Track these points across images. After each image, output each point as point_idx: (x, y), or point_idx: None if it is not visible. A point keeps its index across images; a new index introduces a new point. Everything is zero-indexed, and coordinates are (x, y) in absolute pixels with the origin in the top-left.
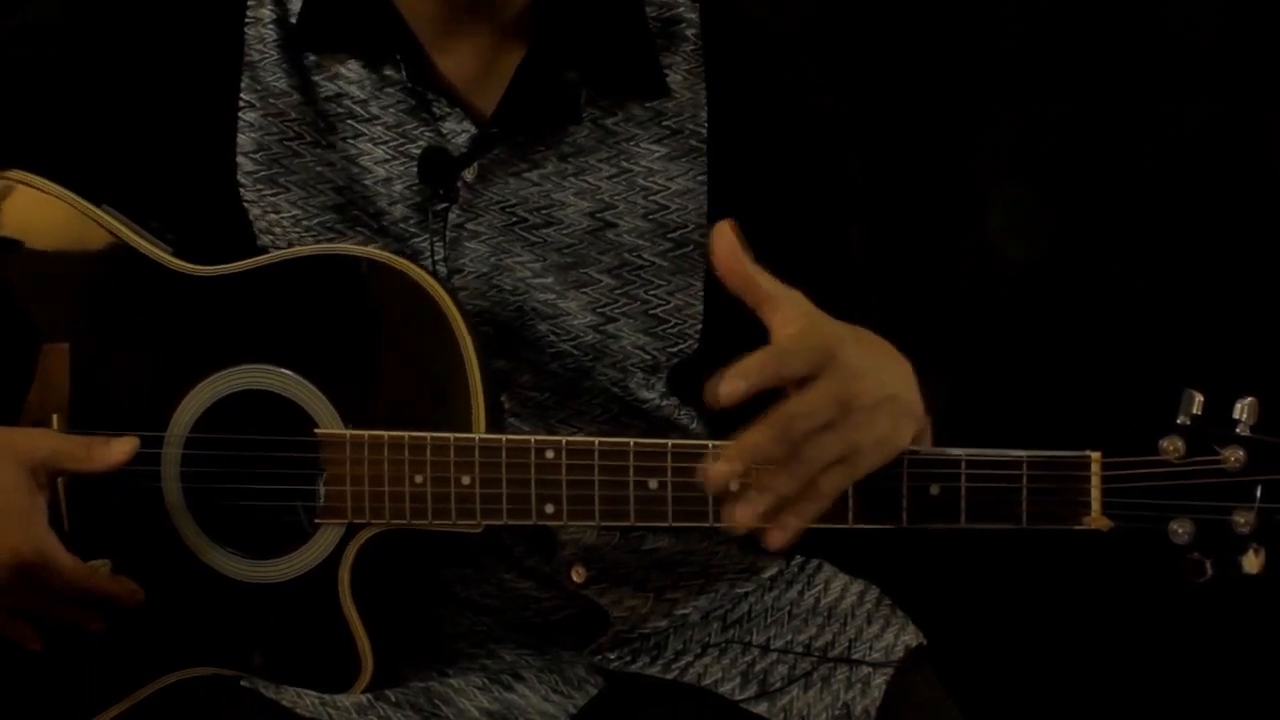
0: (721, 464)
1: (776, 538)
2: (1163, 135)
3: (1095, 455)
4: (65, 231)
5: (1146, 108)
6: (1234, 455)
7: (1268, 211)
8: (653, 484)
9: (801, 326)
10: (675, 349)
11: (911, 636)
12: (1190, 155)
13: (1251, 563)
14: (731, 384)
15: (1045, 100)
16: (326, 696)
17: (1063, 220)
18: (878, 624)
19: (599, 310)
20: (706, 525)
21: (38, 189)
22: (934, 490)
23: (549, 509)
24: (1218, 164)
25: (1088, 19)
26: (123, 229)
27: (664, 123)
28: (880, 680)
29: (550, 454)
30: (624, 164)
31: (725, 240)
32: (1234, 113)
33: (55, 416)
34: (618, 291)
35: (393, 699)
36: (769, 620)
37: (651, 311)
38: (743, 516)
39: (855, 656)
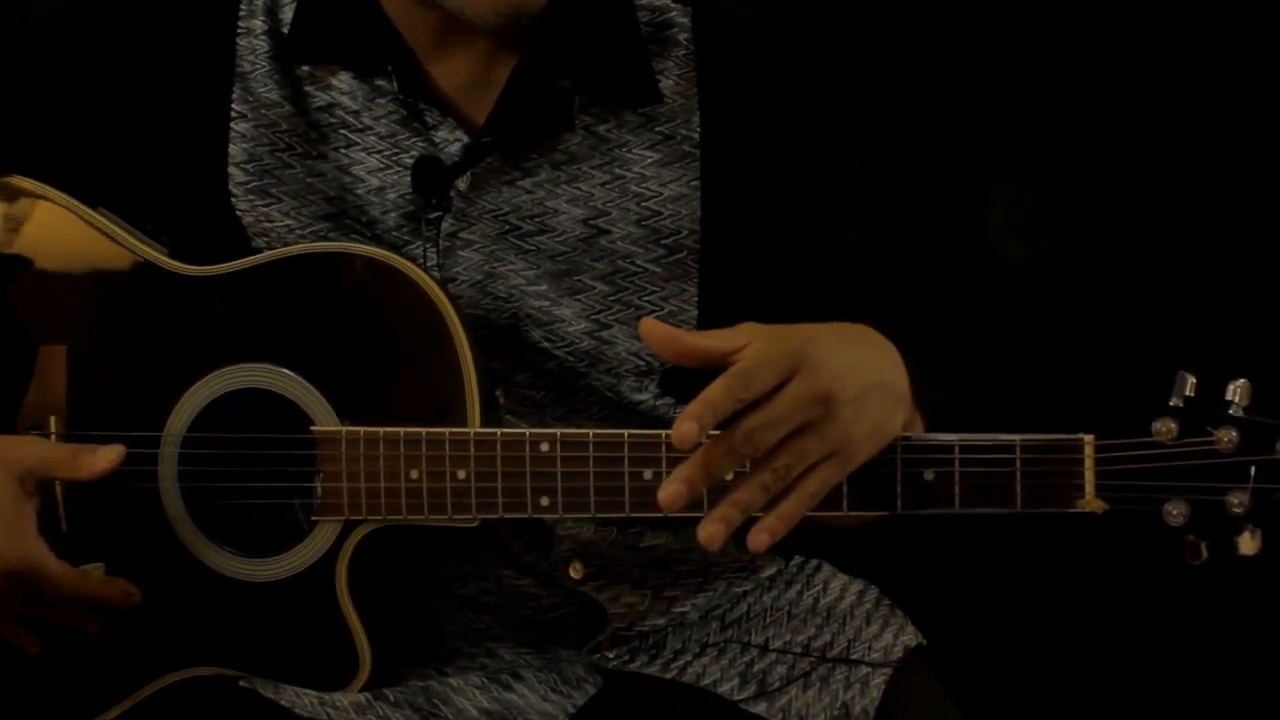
0: (668, 484)
1: (760, 540)
2: (1163, 135)
3: (1088, 438)
4: (62, 233)
5: (1146, 108)
6: (1227, 436)
7: (1262, 203)
8: (647, 475)
9: (761, 343)
10: None
11: (910, 636)
12: (1190, 155)
13: (1248, 544)
14: (685, 428)
15: (1045, 100)
16: (325, 696)
17: (1058, 212)
18: (877, 624)
19: (593, 317)
20: (701, 517)
21: (34, 192)
22: (928, 476)
23: (544, 501)
24: (1217, 164)
25: (1088, 19)
26: (119, 231)
27: (657, 129)
28: (879, 680)
29: (545, 446)
30: (617, 170)
31: (656, 336)
32: (1234, 113)
33: (53, 418)
34: (612, 298)
35: (391, 698)
36: (768, 620)
37: (646, 317)
38: (710, 534)
39: (854, 656)
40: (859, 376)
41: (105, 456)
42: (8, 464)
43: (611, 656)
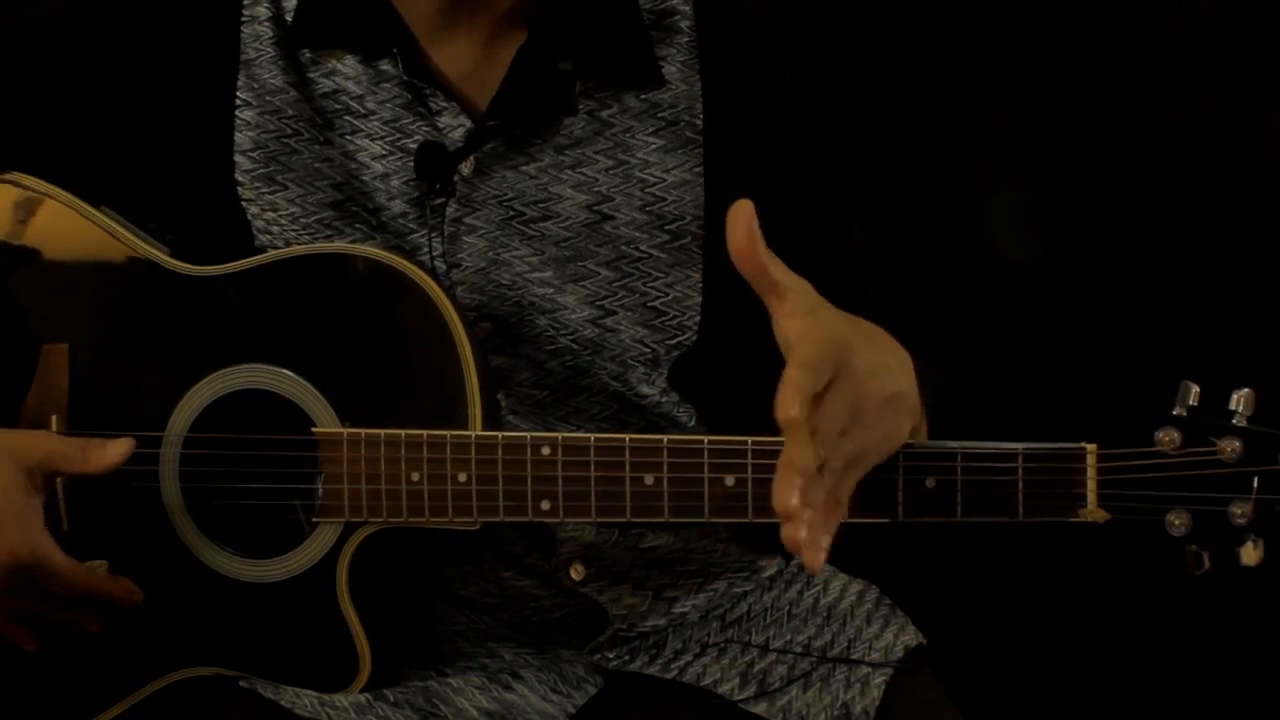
0: (785, 492)
1: (816, 559)
2: (1163, 135)
3: (1091, 447)
4: (64, 232)
5: (1146, 108)
6: (1230, 446)
7: (1266, 209)
8: (649, 480)
9: (806, 322)
10: (674, 341)
11: (911, 636)
12: (1190, 155)
13: (1250, 554)
14: (788, 409)
15: (1044, 100)
16: (325, 696)
17: (1060, 217)
18: (877, 624)
19: (597, 303)
20: (702, 521)
21: (36, 190)
22: (929, 483)
23: (545, 505)
24: (1217, 164)
25: (1087, 19)
26: (121, 230)
27: (660, 114)
28: (879, 680)
29: (546, 450)
30: (621, 156)
31: (743, 222)
32: (1234, 113)
33: (54, 417)
34: (616, 284)
35: (391, 699)
36: (768, 620)
37: (650, 304)
38: (809, 542)
39: (854, 656)
40: (879, 386)
41: (115, 450)
42: (16, 457)
43: (612, 657)
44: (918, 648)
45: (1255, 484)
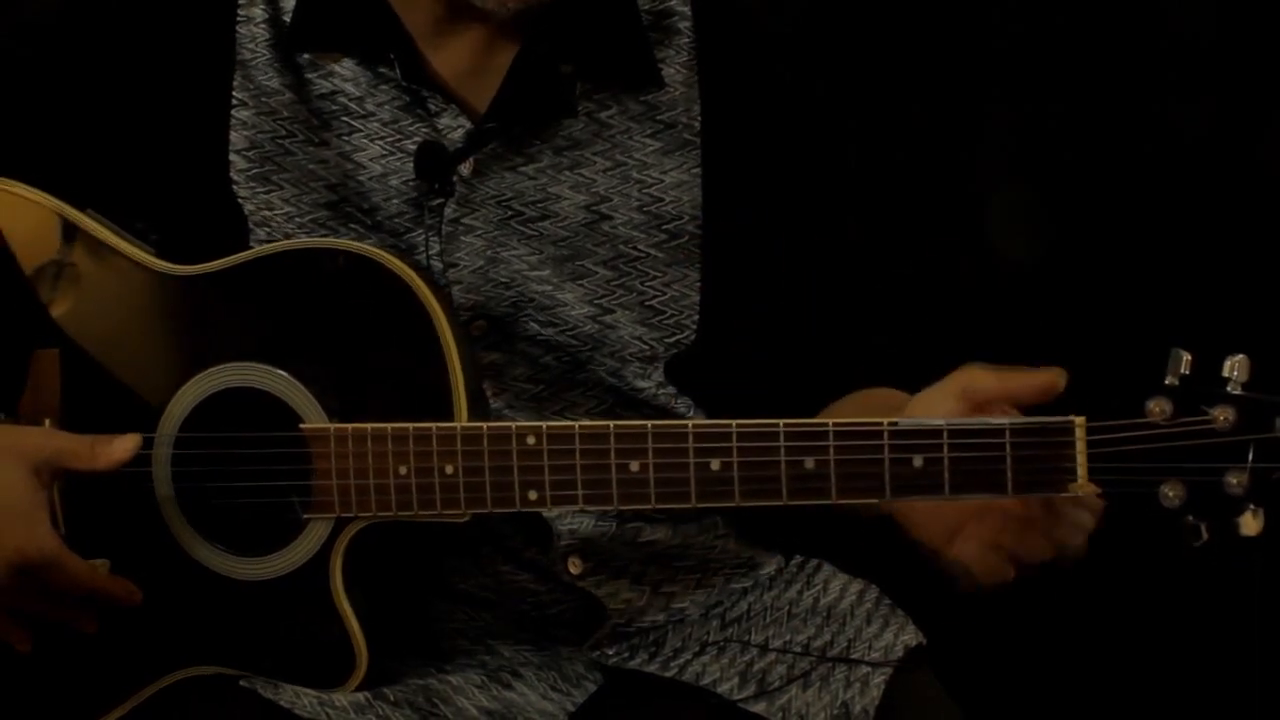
0: None
1: None
2: (1163, 135)
3: (1079, 420)
4: (50, 237)
5: (1146, 108)
6: (1224, 415)
7: (1265, 208)
8: (634, 466)
9: None
10: (673, 339)
11: (911, 636)
12: (1190, 155)
13: (1250, 524)
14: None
15: (1045, 100)
16: (325, 696)
17: (1060, 217)
18: (877, 623)
19: (596, 301)
20: (689, 506)
21: (20, 195)
22: (917, 462)
23: (532, 495)
24: (1217, 164)
25: (1087, 19)
26: (106, 232)
27: (658, 116)
28: (879, 680)
29: (531, 440)
30: (619, 157)
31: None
32: (1234, 113)
33: (47, 421)
34: (614, 283)
35: (391, 698)
36: (768, 619)
37: (648, 303)
38: None
39: (854, 656)
40: None
41: (122, 446)
42: (23, 454)
43: (611, 654)
44: (917, 647)
45: (1251, 452)
